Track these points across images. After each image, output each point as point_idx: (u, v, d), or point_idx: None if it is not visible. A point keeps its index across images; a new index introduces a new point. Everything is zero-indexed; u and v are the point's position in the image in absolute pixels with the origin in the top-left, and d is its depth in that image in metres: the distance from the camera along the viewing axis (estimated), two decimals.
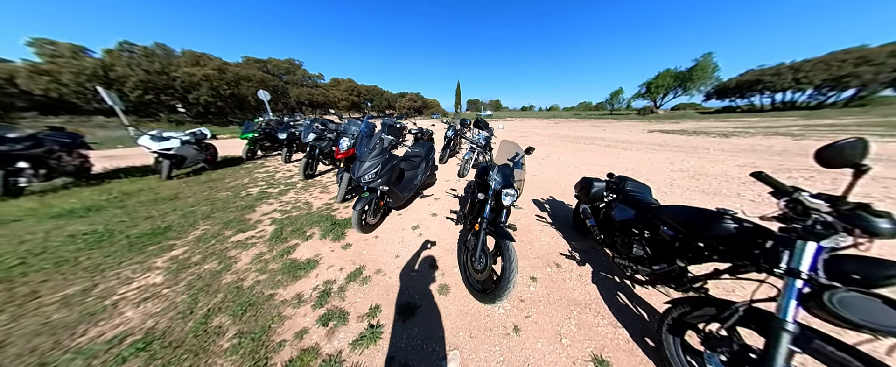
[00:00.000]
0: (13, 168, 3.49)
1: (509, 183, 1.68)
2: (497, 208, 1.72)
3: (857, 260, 0.81)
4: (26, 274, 1.79)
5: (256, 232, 2.44)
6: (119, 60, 18.08)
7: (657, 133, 10.66)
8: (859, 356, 0.74)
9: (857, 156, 0.78)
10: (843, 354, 0.75)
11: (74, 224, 2.56)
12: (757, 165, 4.82)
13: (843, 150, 0.79)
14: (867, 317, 0.68)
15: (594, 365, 1.23)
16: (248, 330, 1.35)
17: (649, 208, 1.58)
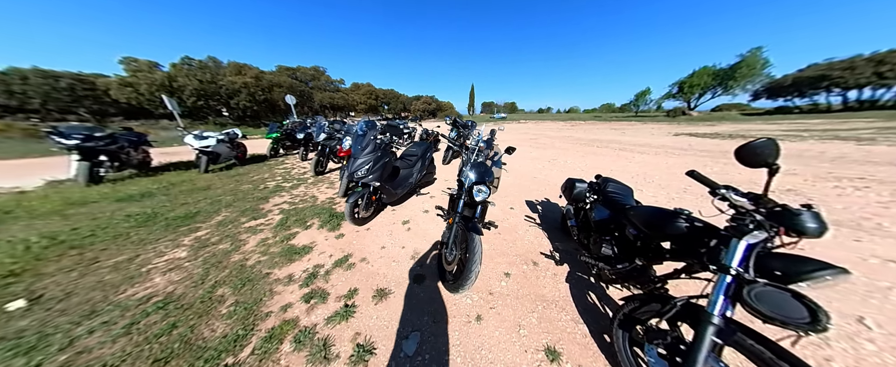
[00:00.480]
0: (96, 161, 4.26)
1: (482, 180, 1.74)
2: (471, 203, 1.79)
3: (783, 258, 0.83)
4: (93, 243, 2.23)
5: (266, 220, 2.74)
6: (180, 72, 21.04)
7: (684, 137, 9.77)
8: (773, 348, 0.76)
9: (768, 156, 0.83)
10: (760, 346, 0.77)
11: (131, 207, 3.08)
12: (797, 171, 4.27)
13: (755, 150, 0.84)
14: (777, 310, 0.71)
15: (545, 355, 1.25)
16: (243, 300, 1.57)
17: (622, 208, 1.56)
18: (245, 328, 1.37)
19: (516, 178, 4.46)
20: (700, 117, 24.22)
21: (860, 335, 1.32)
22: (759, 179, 3.79)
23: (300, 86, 29.19)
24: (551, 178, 4.43)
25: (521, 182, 4.17)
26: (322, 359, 1.22)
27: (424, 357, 1.25)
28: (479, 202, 1.78)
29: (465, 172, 1.80)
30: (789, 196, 3.19)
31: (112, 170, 4.54)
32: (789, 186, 3.55)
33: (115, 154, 4.46)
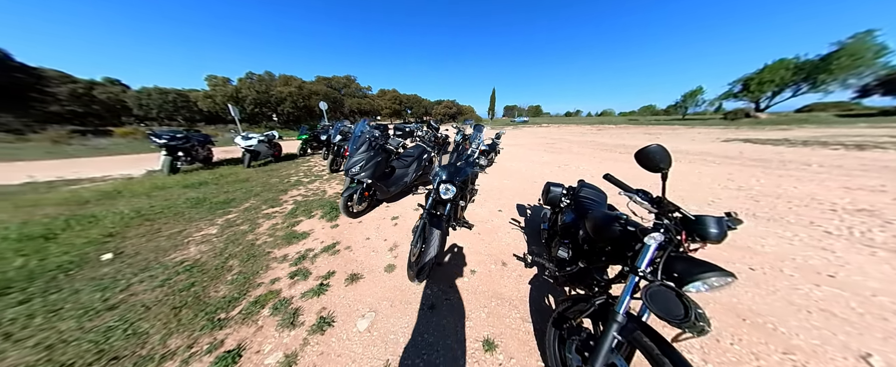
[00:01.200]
0: (176, 156, 5.37)
1: (450, 179, 1.83)
2: (439, 200, 1.88)
3: (683, 260, 0.86)
4: (160, 218, 2.87)
5: (281, 208, 3.18)
6: (244, 85, 25.22)
7: (737, 143, 8.33)
8: (662, 345, 0.78)
9: (659, 162, 0.87)
10: (651, 343, 0.79)
11: (190, 192, 3.84)
12: (886, 187, 3.39)
13: (649, 155, 0.89)
14: (663, 308, 0.75)
15: (483, 345, 1.29)
16: (245, 271, 1.89)
17: (584, 213, 1.52)
18: (240, 292, 1.67)
19: (516, 181, 4.36)
20: (771, 120, 20.06)
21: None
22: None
23: (333, 93, 32.25)
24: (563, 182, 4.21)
25: (520, 186, 4.07)
26: (289, 324, 1.43)
27: (372, 334, 1.38)
28: (446, 200, 1.87)
29: (436, 170, 1.90)
30: (861, 215, 2.56)
31: (186, 163, 5.66)
32: (866, 205, 2.82)
33: (188, 151, 5.56)
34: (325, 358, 1.24)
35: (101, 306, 1.53)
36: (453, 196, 1.84)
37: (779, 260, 1.90)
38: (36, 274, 1.83)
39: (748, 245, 2.12)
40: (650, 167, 0.91)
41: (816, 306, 1.47)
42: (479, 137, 4.87)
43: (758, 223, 2.51)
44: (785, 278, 1.72)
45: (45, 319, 1.43)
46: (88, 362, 1.19)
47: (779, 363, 1.17)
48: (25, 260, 1.98)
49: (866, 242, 2.08)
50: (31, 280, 1.77)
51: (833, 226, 2.36)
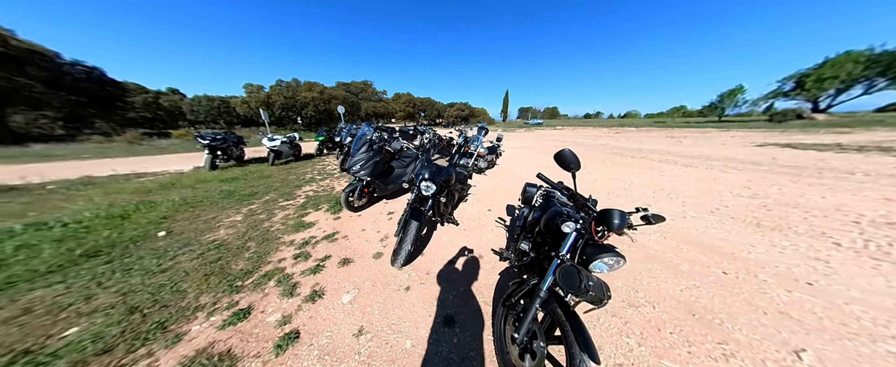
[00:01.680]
0: (216, 154, 6.21)
1: (431, 178, 2.04)
2: (421, 196, 2.10)
3: (593, 246, 1.06)
4: (201, 205, 3.42)
5: (294, 201, 3.61)
6: (274, 91, 27.85)
7: (773, 148, 7.52)
8: (568, 314, 0.95)
9: (569, 163, 1.08)
10: (560, 312, 0.96)
11: (225, 186, 4.46)
12: None
13: (561, 157, 1.10)
14: (566, 282, 0.93)
15: (444, 321, 1.48)
16: (259, 251, 2.25)
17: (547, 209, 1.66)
18: (254, 267, 2.02)
19: (512, 183, 4.45)
20: (830, 122, 17.46)
21: None
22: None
23: (351, 98, 34.15)
24: None
25: (514, 187, 4.16)
26: (288, 294, 1.72)
27: (353, 306, 1.63)
28: (427, 196, 2.09)
29: (418, 169, 2.13)
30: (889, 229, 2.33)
31: (223, 161, 6.50)
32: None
33: (225, 150, 6.39)
34: (313, 321, 1.51)
35: (157, 269, 1.97)
36: (435, 193, 2.06)
37: (759, 267, 1.85)
38: (116, 243, 2.37)
39: (732, 252, 2.06)
40: (564, 167, 1.10)
41: (776, 308, 1.47)
42: (478, 139, 5.06)
43: (756, 232, 2.40)
44: (756, 282, 1.69)
45: (122, 274, 1.89)
46: (148, 305, 1.58)
47: (708, 351, 1.23)
48: (110, 233, 2.55)
49: (877, 255, 1.93)
50: (113, 247, 2.30)
51: (847, 239, 2.19)
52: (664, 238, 2.37)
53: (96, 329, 1.39)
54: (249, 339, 1.35)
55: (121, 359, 1.23)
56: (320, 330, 1.42)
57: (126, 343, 1.30)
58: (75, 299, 1.63)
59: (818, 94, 25.97)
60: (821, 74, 24.71)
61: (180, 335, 1.37)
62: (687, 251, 2.12)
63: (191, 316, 1.50)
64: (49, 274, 1.90)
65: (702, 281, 1.74)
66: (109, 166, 6.85)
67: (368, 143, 3.05)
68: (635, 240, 1.46)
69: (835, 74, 24.17)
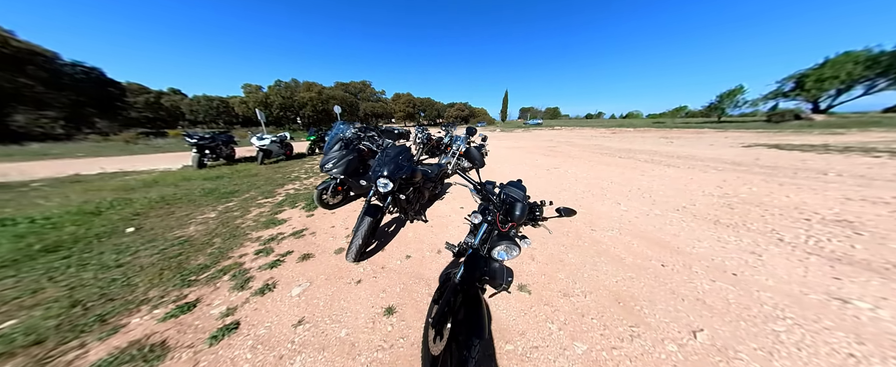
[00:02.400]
0: (204, 153, 6.32)
1: (389, 174, 2.10)
2: (380, 193, 2.17)
3: (499, 235, 1.17)
4: (177, 203, 3.48)
5: (272, 199, 3.69)
6: (272, 91, 28.07)
7: (760, 148, 7.57)
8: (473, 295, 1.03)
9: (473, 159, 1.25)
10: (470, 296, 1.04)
11: (208, 184, 4.53)
12: None
13: (469, 154, 1.27)
14: (468, 269, 1.07)
15: (385, 311, 1.55)
16: (223, 247, 2.31)
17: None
18: (212, 262, 2.07)
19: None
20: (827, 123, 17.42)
21: None
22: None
23: (350, 98, 34.43)
24: (537, 186, 4.30)
25: None
26: (240, 288, 1.77)
27: (301, 299, 1.69)
28: (384, 194, 2.15)
29: (375, 166, 2.19)
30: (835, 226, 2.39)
31: (212, 159, 6.61)
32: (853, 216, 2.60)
33: (213, 149, 6.49)
34: (256, 313, 1.56)
35: (113, 264, 2.02)
36: (394, 190, 2.11)
37: (697, 260, 1.92)
38: (79, 238, 2.42)
39: (679, 247, 2.13)
40: (472, 163, 1.21)
41: (695, 296, 1.55)
42: (459, 139, 5.13)
43: (710, 229, 2.46)
44: (688, 274, 1.77)
45: (77, 269, 1.94)
46: (94, 299, 1.64)
47: (619, 333, 1.33)
48: (76, 228, 2.62)
49: (810, 250, 2.01)
50: (75, 243, 2.35)
51: (791, 235, 2.26)
52: (620, 234, 2.43)
53: (32, 322, 1.42)
54: (187, 330, 1.41)
55: (49, 350, 1.26)
56: (261, 321, 1.48)
57: (59, 335, 1.34)
58: (21, 293, 1.67)
59: (818, 94, 25.80)
60: (820, 75, 24.54)
61: (118, 327, 1.42)
62: (637, 246, 2.19)
63: (134, 309, 1.55)
64: (1, 268, 1.94)
65: (639, 273, 1.81)
66: (101, 165, 6.97)
67: (342, 141, 3.13)
68: (552, 232, 1.54)
69: (834, 74, 23.99)
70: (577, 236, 2.44)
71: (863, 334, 1.27)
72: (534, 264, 1.98)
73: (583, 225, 2.65)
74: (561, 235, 2.44)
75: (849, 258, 1.88)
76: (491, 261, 1.12)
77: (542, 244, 2.26)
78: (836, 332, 1.28)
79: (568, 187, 4.15)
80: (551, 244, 2.27)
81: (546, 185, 4.32)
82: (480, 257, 1.12)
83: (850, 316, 1.37)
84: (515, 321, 1.48)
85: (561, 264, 1.97)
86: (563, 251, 2.15)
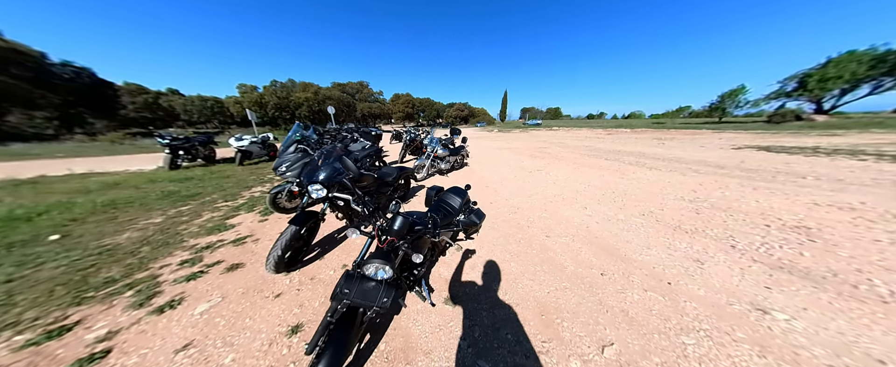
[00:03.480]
0: (177, 154, 6.26)
1: (320, 180, 2.02)
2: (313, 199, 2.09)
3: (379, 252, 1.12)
4: (126, 207, 3.35)
5: (233, 202, 3.58)
6: (268, 91, 28.21)
7: (750, 151, 7.48)
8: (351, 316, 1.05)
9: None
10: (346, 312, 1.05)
11: (172, 186, 4.40)
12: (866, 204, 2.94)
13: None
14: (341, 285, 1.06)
15: (290, 329, 1.44)
16: (147, 256, 2.17)
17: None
18: (124, 275, 1.92)
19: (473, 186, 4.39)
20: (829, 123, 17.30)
21: None
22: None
23: (347, 98, 34.60)
24: (510, 190, 4.19)
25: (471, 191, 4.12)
26: (138, 306, 1.61)
27: (203, 317, 1.54)
28: (314, 200, 2.06)
29: (307, 170, 2.11)
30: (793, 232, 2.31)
31: (187, 160, 6.55)
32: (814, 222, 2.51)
33: (188, 150, 6.44)
34: (139, 336, 1.40)
35: (3, 278, 1.85)
36: (326, 196, 1.97)
37: (638, 268, 1.84)
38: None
39: (626, 254, 2.05)
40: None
41: (621, 307, 1.49)
42: (434, 140, 5.06)
43: (667, 235, 2.38)
44: (624, 283, 1.70)
45: None
46: None
47: (528, 349, 1.28)
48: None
49: (758, 257, 1.94)
50: None
51: (745, 241, 2.17)
52: (572, 241, 2.35)
53: None
54: (41, 362, 1.26)
55: None
56: (139, 347, 1.34)
57: None
58: None
59: (821, 94, 25.45)
60: (824, 74, 24.15)
61: None
62: (584, 254, 2.11)
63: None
64: None
65: (574, 283, 1.73)
66: (73, 165, 6.92)
67: (300, 142, 3.05)
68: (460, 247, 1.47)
69: (838, 73, 23.52)
70: (529, 242, 2.35)
71: (768, 346, 1.21)
72: (473, 274, 1.89)
73: (538, 231, 2.57)
74: (513, 241, 2.36)
75: (791, 266, 1.80)
76: (365, 280, 1.05)
77: (491, 252, 2.17)
78: (743, 345, 1.22)
79: (541, 191, 4.06)
80: (499, 251, 2.18)
81: (520, 188, 4.24)
82: (352, 276, 1.06)
83: (764, 327, 1.31)
84: (427, 337, 1.39)
85: (501, 273, 1.88)
86: (509, 259, 2.06)
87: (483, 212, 1.95)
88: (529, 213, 3.07)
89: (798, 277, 1.69)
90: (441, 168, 5.33)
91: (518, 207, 3.30)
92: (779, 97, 28.54)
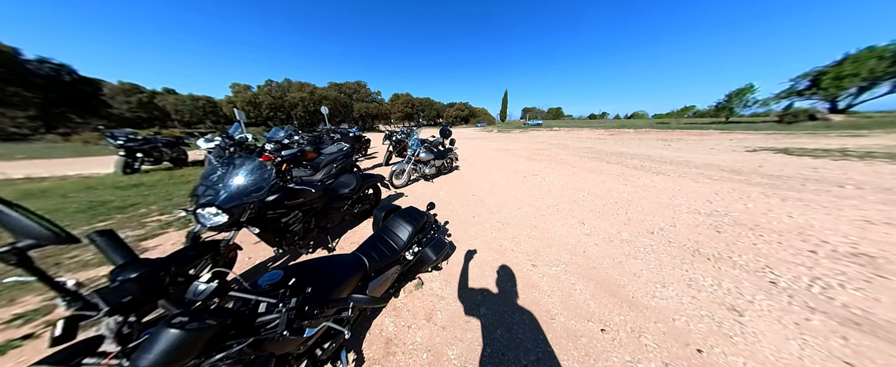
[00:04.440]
0: (134, 157, 5.82)
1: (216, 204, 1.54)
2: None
3: None
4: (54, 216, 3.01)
5: (170, 216, 3.14)
6: (262, 91, 28.05)
7: (766, 153, 7.04)
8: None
9: None
10: None
11: (107, 194, 3.91)
12: None
13: None
14: None
15: None
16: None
17: None
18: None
19: (453, 195, 3.94)
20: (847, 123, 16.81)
21: None
22: None
23: (344, 98, 34.33)
24: (502, 198, 3.76)
25: (452, 200, 3.71)
26: None
27: None
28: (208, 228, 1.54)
29: (195, 188, 1.58)
30: (852, 263, 1.87)
31: (149, 163, 6.13)
32: (876, 248, 2.07)
33: (148, 152, 6.02)
34: None
35: None
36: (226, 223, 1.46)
37: (652, 320, 1.41)
38: None
39: (634, 296, 1.61)
40: None
41: None
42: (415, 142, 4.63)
43: (685, 263, 1.94)
44: (633, 349, 1.26)
45: None
46: None
47: None
48: None
49: (813, 303, 1.48)
50: None
51: (790, 275, 1.73)
52: (565, 273, 1.92)
53: None
54: None
55: None
56: None
57: None
58: None
59: (837, 93, 24.97)
60: (840, 72, 23.63)
61: None
62: (579, 294, 1.67)
63: None
64: None
65: (563, 348, 1.28)
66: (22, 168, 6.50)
67: (228, 148, 2.63)
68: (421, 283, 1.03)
69: (855, 71, 22.98)
70: (509, 275, 1.91)
71: None
72: (431, 327, 1.44)
73: (524, 258, 2.12)
74: (490, 271, 1.92)
75: (868, 321, 1.35)
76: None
77: (459, 287, 1.74)
78: None
79: (534, 201, 3.63)
80: (470, 286, 1.75)
81: (511, 197, 3.80)
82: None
83: None
84: None
85: (465, 328, 1.43)
86: (481, 302, 1.62)
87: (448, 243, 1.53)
88: (517, 230, 2.64)
89: (887, 342, 1.23)
90: (426, 173, 4.89)
91: (505, 222, 2.86)
92: (790, 96, 28.14)
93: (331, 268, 1.06)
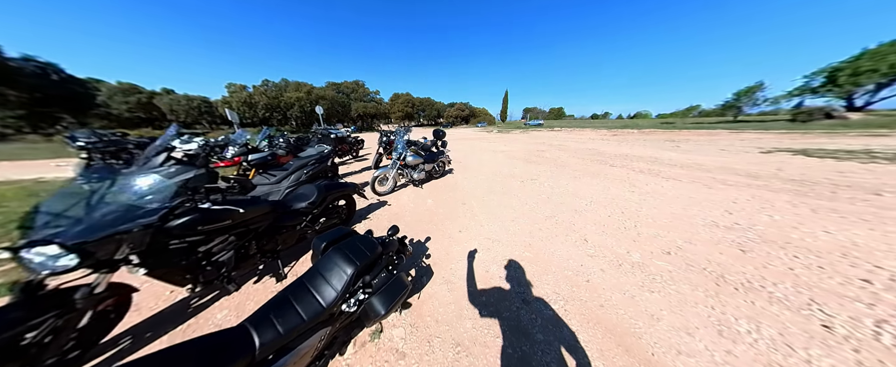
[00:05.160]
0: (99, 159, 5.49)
1: (58, 241, 1.12)
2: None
3: None
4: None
5: None
6: (257, 91, 28.00)
7: (784, 155, 6.68)
8: None
9: None
10: None
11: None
12: None
13: None
14: None
15: None
16: None
17: None
18: None
19: (442, 205, 3.60)
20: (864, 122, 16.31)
21: None
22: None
23: (342, 98, 34.17)
24: (494, 207, 3.44)
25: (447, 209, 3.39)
26: None
27: None
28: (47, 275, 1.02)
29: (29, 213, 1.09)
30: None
31: (123, 166, 5.85)
32: None
33: (115, 154, 5.72)
34: None
35: None
36: (77, 265, 1.00)
37: None
38: None
39: (652, 351, 1.27)
40: None
41: None
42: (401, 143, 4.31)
43: (710, 297, 1.60)
44: None
45: None
46: None
47: None
48: None
49: (884, 356, 1.13)
50: None
51: (845, 316, 1.39)
52: (563, 309, 1.59)
53: None
54: None
55: None
56: None
57: None
58: None
59: (853, 90, 24.33)
60: (857, 68, 23.00)
61: None
62: (583, 344, 1.34)
63: None
64: None
65: None
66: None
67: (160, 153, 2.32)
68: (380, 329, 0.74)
69: (874, 66, 22.19)
70: (494, 315, 1.57)
71: None
72: None
73: (514, 290, 1.79)
74: (471, 312, 1.59)
75: None
76: None
77: (426, 340, 1.41)
78: None
79: (530, 211, 3.30)
80: (442, 339, 1.42)
81: (505, 207, 3.47)
82: None
83: None
84: None
85: None
86: (454, 360, 1.27)
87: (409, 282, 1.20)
88: (508, 250, 2.31)
89: None
90: (414, 178, 4.57)
91: (495, 239, 2.54)
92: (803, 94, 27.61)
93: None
